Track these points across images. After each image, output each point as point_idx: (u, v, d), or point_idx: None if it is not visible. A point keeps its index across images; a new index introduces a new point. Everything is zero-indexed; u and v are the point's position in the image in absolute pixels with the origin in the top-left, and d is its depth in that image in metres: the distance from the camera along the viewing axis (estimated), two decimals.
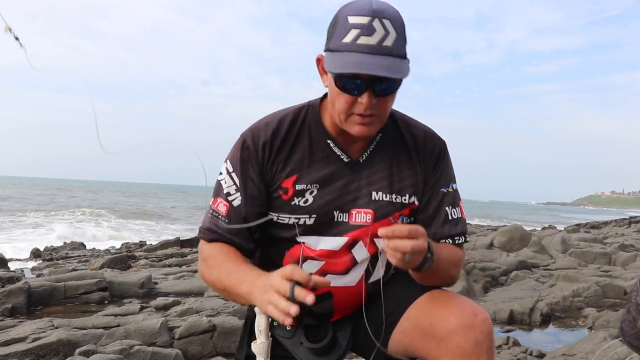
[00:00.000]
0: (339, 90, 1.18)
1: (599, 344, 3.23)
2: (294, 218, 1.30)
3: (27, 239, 13.70)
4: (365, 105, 1.16)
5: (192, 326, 3.48)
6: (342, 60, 1.12)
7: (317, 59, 1.26)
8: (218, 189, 1.33)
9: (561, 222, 36.54)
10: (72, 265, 8.16)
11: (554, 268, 6.96)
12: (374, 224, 1.30)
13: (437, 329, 1.20)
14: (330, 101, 1.25)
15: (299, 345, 1.32)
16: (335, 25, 1.17)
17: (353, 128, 1.21)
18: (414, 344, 1.27)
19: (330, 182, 1.29)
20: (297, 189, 1.29)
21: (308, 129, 1.32)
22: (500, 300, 4.89)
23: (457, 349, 1.17)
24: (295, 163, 1.30)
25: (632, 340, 1.10)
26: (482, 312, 1.21)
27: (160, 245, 10.76)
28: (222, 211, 1.30)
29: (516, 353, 3.41)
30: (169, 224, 21.86)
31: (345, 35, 1.13)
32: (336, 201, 1.29)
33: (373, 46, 1.11)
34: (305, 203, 1.29)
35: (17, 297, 4.36)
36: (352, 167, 1.31)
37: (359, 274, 1.34)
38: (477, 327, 1.17)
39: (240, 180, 1.30)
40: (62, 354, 3.14)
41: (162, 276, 6.51)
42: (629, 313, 1.11)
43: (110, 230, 17.51)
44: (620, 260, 7.31)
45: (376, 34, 1.11)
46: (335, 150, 1.30)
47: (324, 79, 1.26)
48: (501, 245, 8.19)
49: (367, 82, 1.14)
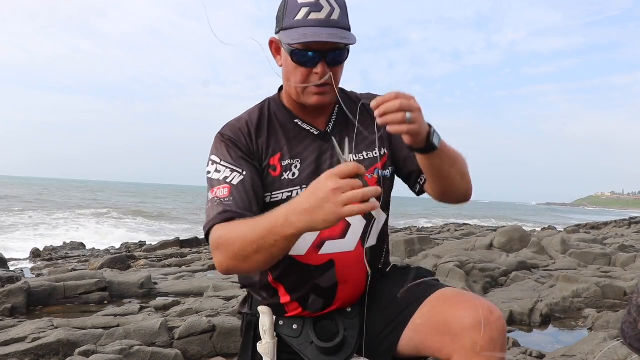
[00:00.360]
0: (295, 65, 1.28)
1: (599, 345, 3.23)
2: (286, 192, 1.34)
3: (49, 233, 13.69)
4: (320, 74, 1.27)
5: (192, 326, 3.47)
6: (297, 34, 1.23)
7: (269, 42, 1.36)
8: (210, 182, 1.31)
9: (561, 222, 36.55)
10: (71, 265, 8.16)
11: (553, 269, 6.97)
12: None
13: (452, 326, 1.20)
14: (286, 78, 1.34)
15: (307, 344, 1.32)
16: (285, 7, 1.28)
17: (310, 99, 1.32)
18: (426, 341, 1.27)
19: (309, 154, 1.37)
20: (284, 164, 1.35)
21: (275, 116, 1.41)
22: (500, 301, 4.89)
23: (472, 346, 1.17)
24: (275, 144, 1.37)
25: (632, 342, 1.10)
26: (497, 310, 1.22)
27: (160, 245, 10.77)
28: (224, 194, 1.26)
29: (516, 354, 3.41)
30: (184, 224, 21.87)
31: (297, 14, 1.25)
32: (318, 170, 1.35)
33: (322, 20, 1.24)
34: (294, 176, 1.35)
35: (17, 297, 4.36)
36: (322, 138, 1.39)
37: (356, 237, 1.36)
38: (492, 324, 1.18)
39: (232, 162, 1.31)
40: (62, 354, 3.14)
41: (161, 276, 6.51)
42: (629, 315, 1.11)
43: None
44: (620, 261, 7.31)
45: (324, 10, 1.24)
46: (304, 126, 1.39)
47: (277, 59, 1.37)
48: (501, 245, 8.19)
49: (320, 54, 1.26)
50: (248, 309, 1.45)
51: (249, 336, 1.42)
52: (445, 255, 6.59)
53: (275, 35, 1.34)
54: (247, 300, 1.47)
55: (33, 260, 9.49)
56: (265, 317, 1.33)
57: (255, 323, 1.38)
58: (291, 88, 1.33)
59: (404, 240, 8.67)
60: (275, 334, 1.34)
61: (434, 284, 1.36)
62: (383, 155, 1.42)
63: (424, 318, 1.29)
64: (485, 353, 1.17)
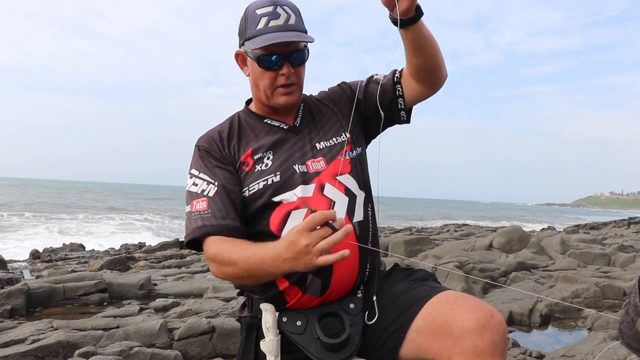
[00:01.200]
0: (262, 70, 1.41)
1: (599, 345, 3.24)
2: (262, 182, 1.41)
3: (48, 234, 13.68)
4: (286, 75, 1.40)
5: (192, 327, 3.47)
6: (260, 40, 1.36)
7: (235, 55, 1.49)
8: (189, 195, 1.41)
9: (560, 222, 36.55)
10: (71, 266, 8.15)
11: (553, 269, 6.97)
12: (328, 166, 1.46)
13: (453, 328, 1.21)
14: (255, 85, 1.46)
15: (312, 340, 1.33)
16: (246, 20, 1.41)
17: (279, 99, 1.44)
18: (427, 343, 1.28)
19: (280, 145, 1.47)
20: (256, 157, 1.45)
21: (245, 122, 1.53)
22: (500, 301, 4.89)
23: (473, 349, 1.18)
24: (246, 143, 1.47)
25: (630, 342, 1.10)
26: (498, 314, 1.24)
27: (159, 246, 10.77)
28: (202, 207, 1.36)
29: (515, 354, 3.41)
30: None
31: (258, 23, 1.38)
32: (292, 157, 1.45)
33: (281, 25, 1.37)
34: (267, 167, 1.43)
35: (16, 298, 4.35)
36: (293, 131, 1.51)
37: (342, 213, 1.41)
38: (493, 328, 1.19)
39: (208, 173, 1.41)
40: (62, 356, 3.14)
41: (161, 277, 6.51)
42: (627, 315, 1.11)
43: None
44: (620, 261, 7.31)
45: (281, 17, 1.37)
46: (274, 123, 1.51)
47: (244, 70, 1.49)
48: (500, 246, 8.20)
49: (284, 56, 1.39)
50: (248, 312, 1.45)
51: (250, 337, 1.42)
52: (445, 256, 6.59)
53: (240, 48, 1.46)
54: (247, 304, 1.48)
55: (32, 261, 9.48)
56: (268, 314, 1.33)
57: (257, 324, 1.39)
58: (260, 93, 1.46)
59: (403, 240, 8.67)
60: (278, 331, 1.34)
61: (436, 286, 1.38)
62: (346, 139, 1.52)
63: (426, 320, 1.29)
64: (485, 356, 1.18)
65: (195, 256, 9.16)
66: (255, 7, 1.40)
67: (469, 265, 5.97)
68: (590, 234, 14.79)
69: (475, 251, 7.67)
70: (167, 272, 7.12)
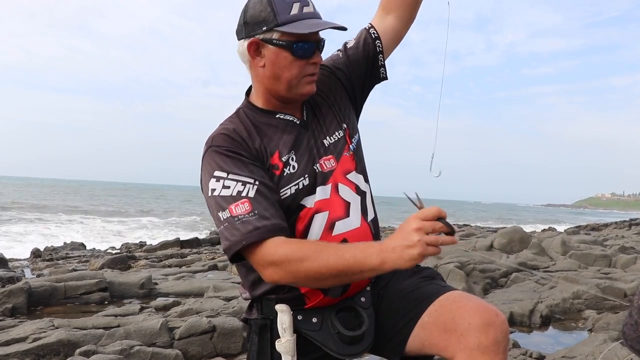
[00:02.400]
0: (293, 59, 1.33)
1: (599, 346, 3.23)
2: (293, 186, 1.35)
3: (50, 233, 13.69)
4: (318, 63, 1.37)
5: (192, 327, 3.48)
6: (303, 25, 1.31)
7: (249, 44, 1.36)
8: (222, 201, 1.26)
9: (561, 223, 36.52)
10: (72, 265, 8.16)
11: (554, 270, 6.96)
12: (337, 164, 1.44)
13: (459, 324, 1.24)
14: (273, 77, 1.37)
15: (329, 335, 1.34)
16: (272, 5, 1.32)
17: (304, 88, 1.38)
18: (432, 338, 1.30)
19: (299, 144, 1.41)
20: (283, 160, 1.38)
21: (256, 119, 1.42)
22: (500, 302, 4.89)
23: (477, 345, 1.21)
24: (269, 144, 1.39)
25: (634, 344, 1.10)
26: (502, 314, 1.27)
27: (160, 245, 10.77)
28: (245, 210, 1.23)
29: (516, 355, 3.41)
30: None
31: (291, 9, 1.32)
32: (310, 157, 1.41)
33: (313, 12, 1.35)
34: (294, 169, 1.37)
35: (18, 297, 4.36)
36: (303, 126, 1.45)
37: (357, 213, 1.41)
38: (498, 327, 1.23)
39: (242, 172, 1.29)
40: (63, 354, 3.14)
41: (162, 277, 6.51)
42: (631, 317, 1.11)
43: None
44: (621, 263, 7.30)
45: (310, 4, 1.36)
46: (287, 117, 1.43)
47: (256, 61, 1.38)
48: (501, 247, 8.20)
49: (316, 44, 1.36)
50: (258, 313, 1.42)
51: (265, 339, 1.39)
52: (446, 256, 6.59)
53: (257, 36, 1.34)
54: (256, 305, 1.44)
55: (33, 260, 9.48)
56: (284, 315, 1.33)
57: (270, 325, 1.38)
58: (281, 84, 1.37)
59: None
60: (293, 330, 1.35)
61: (444, 285, 1.41)
62: (345, 130, 1.50)
63: (433, 316, 1.32)
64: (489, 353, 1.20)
65: (195, 255, 9.16)
66: None
67: (470, 265, 5.97)
68: (591, 235, 14.78)
69: (476, 251, 7.67)
70: (168, 272, 7.13)
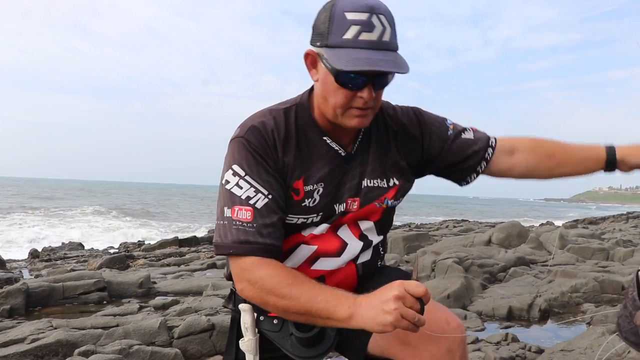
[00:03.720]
0: (337, 86, 1.18)
1: (597, 339, 3.24)
2: (302, 218, 1.29)
3: (48, 233, 13.67)
4: (366, 99, 1.18)
5: (191, 325, 3.48)
6: (347, 56, 1.12)
7: (305, 54, 1.24)
8: (230, 197, 1.21)
9: (559, 217, 36.61)
10: (70, 265, 8.15)
11: (552, 264, 6.98)
12: (359, 210, 1.34)
13: (410, 337, 1.21)
14: (323, 96, 1.23)
15: (287, 337, 1.31)
16: (331, 20, 1.16)
17: (351, 121, 1.22)
18: (389, 347, 1.28)
19: (332, 178, 1.30)
20: (307, 189, 1.28)
21: (303, 127, 1.30)
22: (499, 296, 4.90)
23: (431, 358, 1.20)
24: (301, 165, 1.28)
25: (628, 336, 1.10)
26: (455, 319, 1.24)
27: (158, 244, 10.77)
28: (246, 218, 1.19)
29: (515, 349, 3.42)
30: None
31: (345, 32, 1.13)
32: (337, 195, 1.31)
33: (374, 42, 1.13)
34: (314, 203, 1.29)
35: (16, 298, 4.35)
36: (346, 160, 1.32)
37: (350, 255, 1.35)
38: (449, 336, 1.20)
39: (259, 181, 1.22)
40: (61, 355, 3.14)
41: (160, 276, 6.51)
42: (625, 309, 1.12)
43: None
44: (618, 256, 7.32)
45: (375, 29, 1.13)
46: (333, 145, 1.30)
47: (312, 73, 1.26)
48: (499, 241, 8.21)
49: (369, 78, 1.16)
50: (232, 305, 1.42)
51: (232, 332, 1.41)
52: (444, 252, 6.59)
53: (314, 48, 1.21)
54: (231, 296, 1.44)
55: (31, 261, 9.47)
56: (246, 314, 1.32)
57: (238, 319, 1.37)
58: (328, 108, 1.23)
59: (402, 236, 8.68)
60: (256, 330, 1.34)
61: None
62: (394, 186, 1.37)
63: None
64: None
65: (194, 254, 9.16)
66: (345, 8, 1.14)
67: (468, 260, 5.97)
68: (589, 228, 14.82)
69: (475, 247, 7.68)
70: (167, 270, 7.13)
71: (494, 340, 3.61)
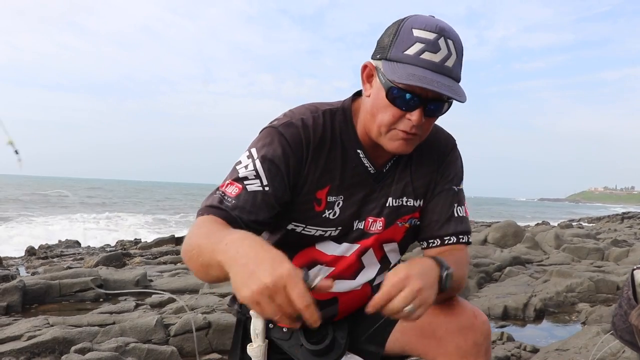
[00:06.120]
0: (387, 103, 1.12)
1: (592, 338, 3.26)
2: (320, 230, 1.26)
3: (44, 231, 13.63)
4: (414, 122, 1.12)
5: (188, 323, 3.48)
6: (404, 71, 1.08)
7: (363, 66, 1.20)
8: (232, 173, 1.18)
9: (555, 217, 36.72)
10: (67, 263, 8.13)
11: (547, 264, 7.01)
12: (384, 230, 1.30)
13: (436, 329, 1.23)
14: (371, 113, 1.17)
15: (298, 346, 1.32)
16: (397, 34, 1.11)
17: (392, 143, 1.16)
18: (411, 343, 1.29)
19: (355, 193, 1.26)
20: (329, 200, 1.24)
21: (340, 135, 1.25)
22: (494, 296, 4.92)
23: (457, 350, 1.20)
24: (329, 172, 1.24)
25: (623, 335, 1.11)
26: (482, 314, 1.25)
27: (155, 242, 10.75)
28: (231, 193, 1.13)
29: (510, 348, 3.44)
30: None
31: (408, 48, 1.09)
32: (357, 211, 1.27)
33: (436, 64, 1.08)
34: (334, 216, 1.25)
35: (12, 295, 4.34)
36: (376, 178, 1.28)
37: (365, 277, 1.34)
38: (477, 329, 1.21)
39: (266, 171, 1.16)
40: (58, 352, 3.14)
41: (157, 273, 6.50)
42: (620, 307, 1.13)
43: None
44: (613, 256, 7.36)
45: (440, 52, 1.08)
46: (364, 161, 1.26)
47: (366, 87, 1.20)
48: (495, 241, 8.24)
49: (421, 100, 1.10)
50: (237, 307, 1.41)
51: (237, 334, 1.41)
52: None
53: (372, 61, 1.17)
54: (236, 298, 1.41)
55: (28, 258, 9.44)
56: (257, 320, 1.32)
57: (244, 322, 1.37)
58: (373, 125, 1.17)
59: None
60: (265, 337, 1.34)
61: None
62: (419, 207, 1.33)
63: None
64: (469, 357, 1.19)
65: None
66: (414, 25, 1.10)
67: None
68: (584, 228, 14.87)
69: (470, 246, 7.70)
70: (163, 268, 7.12)
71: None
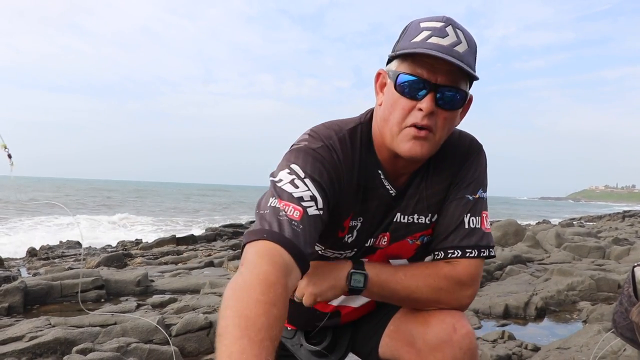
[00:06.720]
0: (397, 96, 1.08)
1: (593, 337, 3.26)
2: (337, 254, 1.24)
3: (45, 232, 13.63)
4: (425, 110, 1.05)
5: (189, 323, 3.48)
6: (410, 48, 1.05)
7: (376, 74, 1.16)
8: (282, 192, 1.06)
9: (555, 216, 36.70)
10: (68, 264, 8.14)
11: (548, 262, 7.01)
12: (389, 245, 1.27)
13: (416, 340, 1.21)
14: (383, 116, 1.13)
15: (298, 346, 1.34)
16: (405, 31, 1.10)
17: (404, 145, 1.09)
18: (398, 348, 1.28)
19: (374, 216, 1.22)
20: (350, 225, 1.21)
21: (361, 156, 1.19)
22: (496, 294, 4.92)
23: None
24: (352, 202, 1.19)
25: (624, 332, 1.11)
26: (464, 326, 1.16)
27: (156, 243, 10.76)
28: (294, 216, 1.03)
29: (511, 347, 3.44)
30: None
31: (415, 37, 1.06)
32: (372, 231, 1.24)
33: (444, 47, 1.03)
34: (351, 239, 1.23)
35: (14, 296, 4.35)
36: (395, 200, 1.23)
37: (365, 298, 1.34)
38: (455, 344, 1.14)
39: (319, 190, 1.08)
40: (59, 353, 3.14)
41: (158, 274, 6.50)
42: (621, 305, 1.13)
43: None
44: (614, 254, 7.36)
45: (448, 37, 1.04)
46: (385, 183, 1.20)
47: (379, 97, 1.16)
48: (496, 239, 8.24)
49: (431, 85, 1.05)
50: None
51: None
52: None
53: (385, 68, 1.15)
54: None
55: (29, 259, 9.45)
56: None
57: None
58: (387, 129, 1.12)
59: None
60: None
61: None
62: (432, 223, 1.26)
63: (396, 325, 1.30)
64: None
65: (192, 252, 9.16)
66: (421, 20, 1.09)
67: None
68: (585, 227, 14.87)
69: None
70: (164, 269, 7.12)
71: (491, 338, 3.62)
